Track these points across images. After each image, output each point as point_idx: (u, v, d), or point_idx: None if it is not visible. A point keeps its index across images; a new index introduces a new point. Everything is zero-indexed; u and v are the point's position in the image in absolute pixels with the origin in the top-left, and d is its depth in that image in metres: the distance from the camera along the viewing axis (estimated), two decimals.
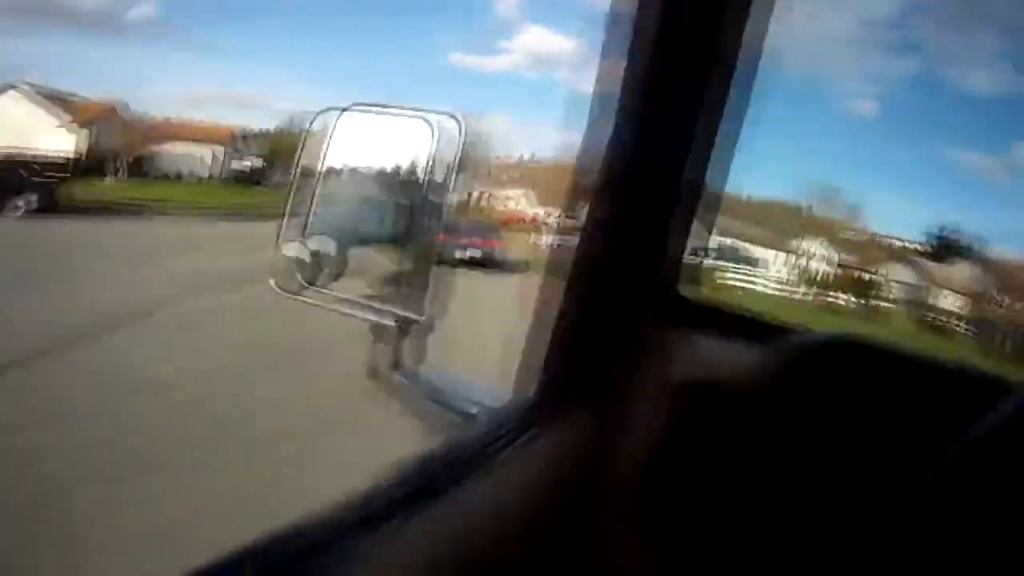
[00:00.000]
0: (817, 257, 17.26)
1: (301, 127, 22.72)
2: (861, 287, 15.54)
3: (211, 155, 23.63)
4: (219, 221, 16.05)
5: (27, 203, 13.58)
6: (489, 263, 11.43)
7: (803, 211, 22.77)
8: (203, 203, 18.72)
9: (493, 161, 27.67)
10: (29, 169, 14.94)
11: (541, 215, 22.22)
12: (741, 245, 18.01)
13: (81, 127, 20.17)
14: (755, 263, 17.17)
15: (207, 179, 23.41)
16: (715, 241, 18.35)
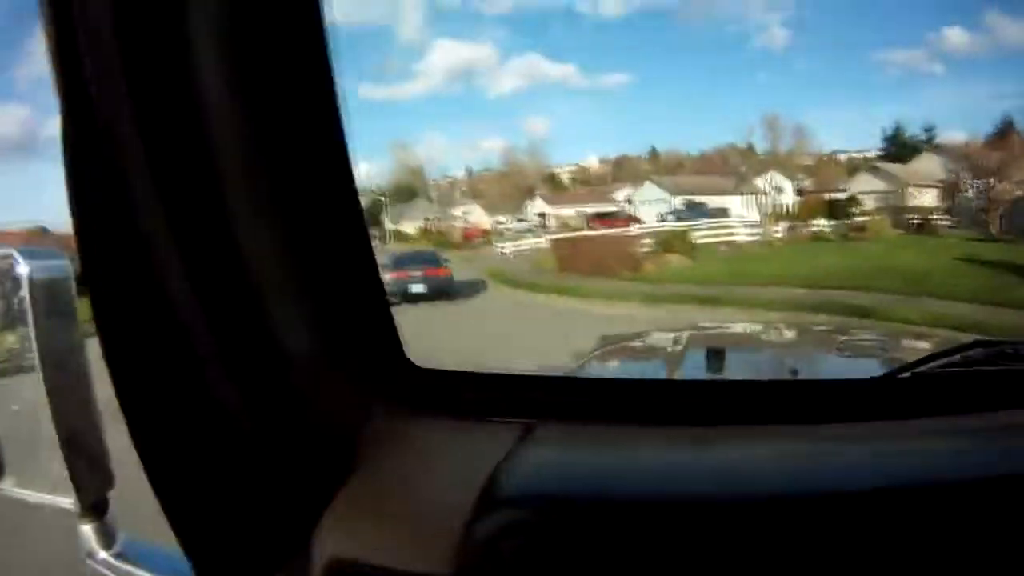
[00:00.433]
0: (779, 191, 17.12)
1: None
2: (834, 208, 15.31)
3: None
4: None
5: None
6: (437, 294, 10.43)
7: (750, 150, 23.18)
8: None
9: (441, 183, 27.90)
10: None
11: (492, 225, 21.89)
12: (700, 200, 18.07)
13: None
14: (722, 213, 16.97)
15: None
16: (673, 203, 18.38)
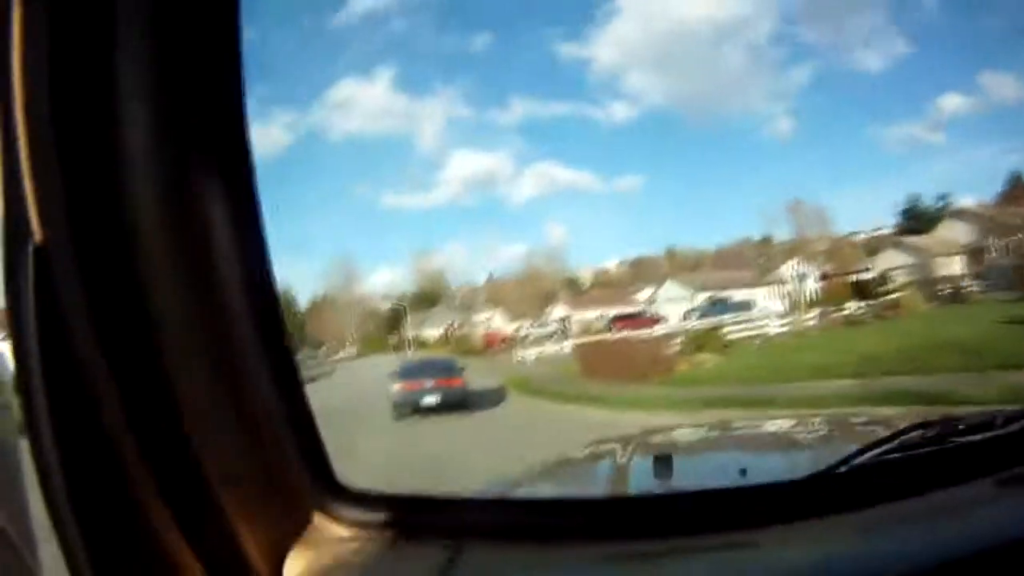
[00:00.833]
0: (802, 278, 17.03)
1: None
2: (861, 289, 14.94)
3: None
4: None
5: None
6: (451, 406, 9.48)
7: (767, 240, 23.43)
8: None
9: (462, 290, 28.41)
10: None
11: (512, 331, 22.13)
12: (724, 295, 18.00)
13: None
14: (746, 306, 16.74)
15: None
16: (696, 300, 18.18)
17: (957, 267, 14.38)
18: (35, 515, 0.64)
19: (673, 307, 18.51)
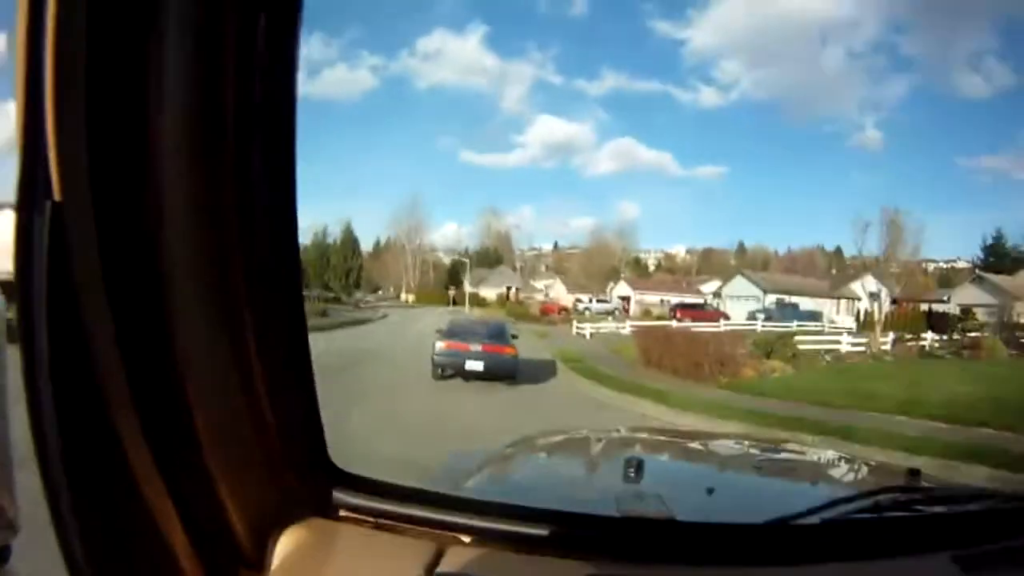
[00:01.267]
0: (874, 297, 16.48)
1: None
2: (935, 320, 14.69)
3: None
4: None
5: None
6: (496, 376, 8.64)
7: (839, 252, 22.40)
8: None
9: (526, 254, 28.50)
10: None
11: (572, 303, 21.96)
12: (793, 300, 17.54)
13: None
14: (813, 317, 16.36)
15: None
16: (764, 301, 17.52)
17: None
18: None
19: (739, 304, 18.04)
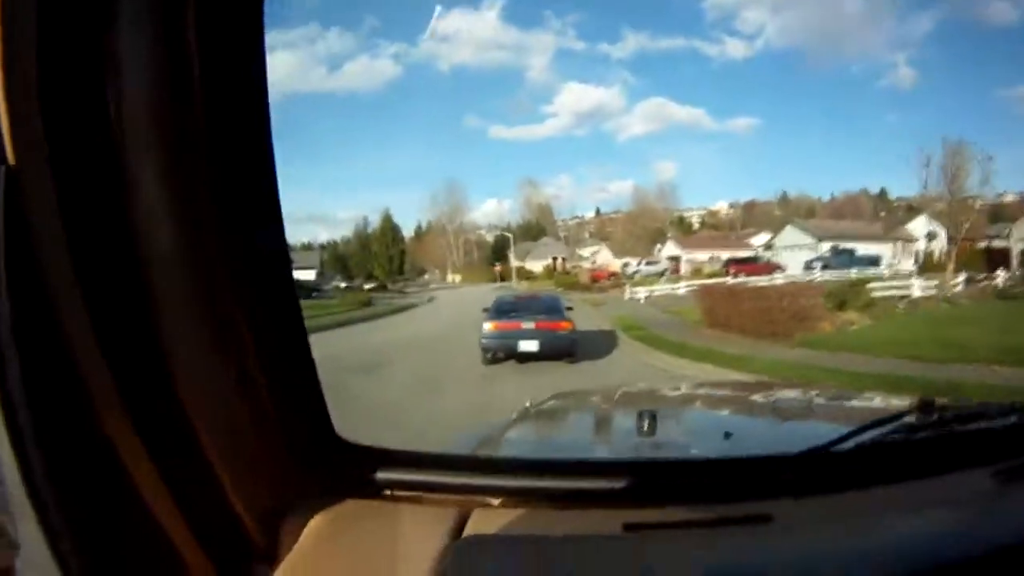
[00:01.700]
0: (931, 237, 16.55)
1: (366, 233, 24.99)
2: (994, 258, 14.60)
3: None
4: None
5: None
6: (554, 355, 7.39)
7: (883, 195, 22.45)
8: None
9: (568, 223, 28.46)
10: None
11: (620, 267, 21.95)
12: (848, 246, 17.49)
13: None
14: (875, 261, 16.18)
15: None
16: (820, 249, 17.77)
17: None
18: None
19: (792, 254, 17.81)
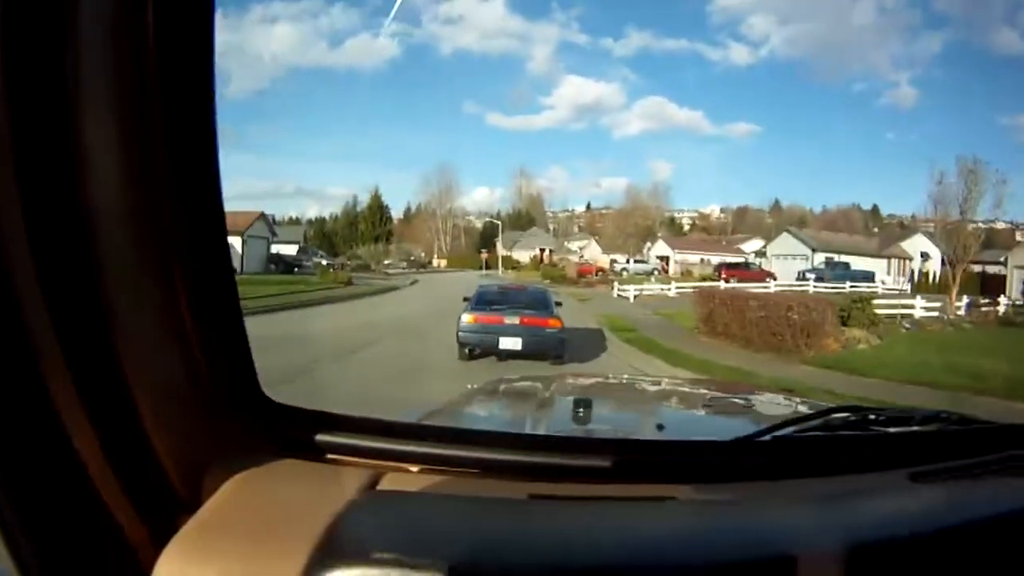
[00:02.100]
0: (926, 257, 16.58)
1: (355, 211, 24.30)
2: (990, 283, 14.78)
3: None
4: None
5: None
6: (539, 356, 6.64)
7: (875, 211, 22.67)
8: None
9: (559, 216, 28.44)
10: None
11: (609, 263, 21.77)
12: (844, 259, 17.56)
13: None
14: (869, 277, 16.31)
15: None
16: (813, 260, 17.73)
17: None
18: None
19: (784, 263, 17.72)
